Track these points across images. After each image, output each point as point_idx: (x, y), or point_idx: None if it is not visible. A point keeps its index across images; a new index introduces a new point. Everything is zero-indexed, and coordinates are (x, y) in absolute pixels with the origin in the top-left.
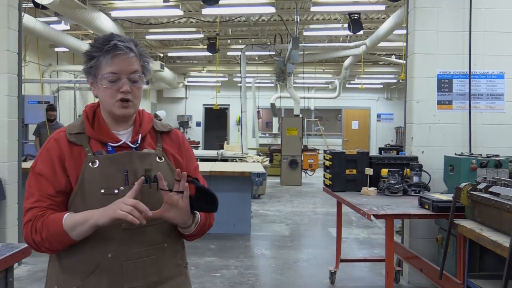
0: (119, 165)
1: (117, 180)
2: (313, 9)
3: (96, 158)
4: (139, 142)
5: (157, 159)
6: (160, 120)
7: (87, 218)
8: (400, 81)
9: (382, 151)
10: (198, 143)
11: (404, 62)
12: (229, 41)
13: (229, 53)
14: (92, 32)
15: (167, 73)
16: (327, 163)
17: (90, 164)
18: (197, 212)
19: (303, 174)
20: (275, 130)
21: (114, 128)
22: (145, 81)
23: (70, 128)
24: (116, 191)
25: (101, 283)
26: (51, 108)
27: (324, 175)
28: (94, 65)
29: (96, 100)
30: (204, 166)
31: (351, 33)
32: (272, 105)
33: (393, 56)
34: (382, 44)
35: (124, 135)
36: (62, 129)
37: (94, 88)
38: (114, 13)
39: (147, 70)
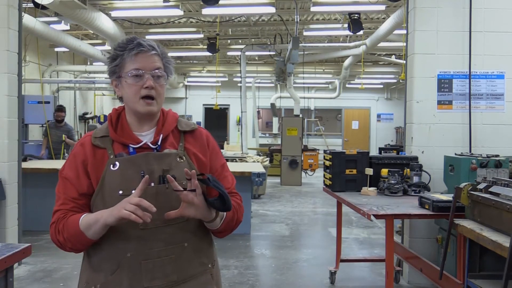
0: (137, 167)
1: (135, 181)
2: (313, 9)
3: (116, 160)
4: (159, 142)
5: (178, 159)
6: None
7: (98, 218)
8: (400, 81)
9: (382, 151)
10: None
11: (404, 62)
12: (229, 41)
13: (229, 53)
14: (92, 32)
15: None
16: (327, 163)
17: (111, 166)
18: None
19: (303, 174)
20: (275, 130)
21: (137, 129)
22: (167, 80)
23: (96, 131)
24: (133, 191)
25: (122, 282)
26: (59, 109)
27: (324, 175)
28: (118, 64)
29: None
30: None
31: (351, 33)
32: (272, 105)
33: (393, 56)
34: (382, 44)
35: (147, 136)
36: (89, 133)
37: (118, 89)
38: (114, 13)
39: (169, 70)
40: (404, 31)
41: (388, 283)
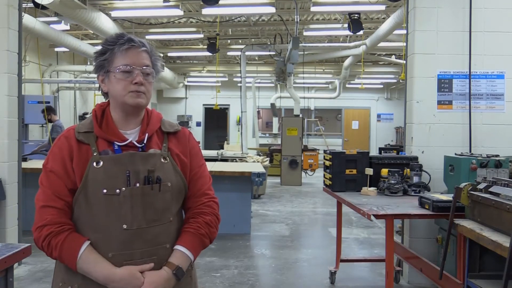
0: (122, 166)
1: (119, 180)
2: (313, 9)
3: (100, 158)
4: (145, 141)
5: (162, 159)
6: None
7: (101, 275)
8: (400, 81)
9: (382, 151)
10: (198, 143)
11: (404, 62)
12: (229, 41)
13: (229, 53)
14: (92, 32)
15: (167, 73)
16: (327, 163)
17: (94, 163)
18: (189, 254)
19: (303, 174)
20: (275, 130)
21: (122, 127)
22: (154, 78)
23: (79, 126)
24: (117, 191)
25: None
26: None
27: (324, 175)
28: (107, 58)
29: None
30: None
31: (351, 33)
32: (272, 105)
33: (393, 56)
34: (382, 44)
35: (132, 135)
36: (72, 127)
37: (105, 84)
38: (114, 13)
39: (156, 68)
40: (404, 31)
41: (388, 283)
